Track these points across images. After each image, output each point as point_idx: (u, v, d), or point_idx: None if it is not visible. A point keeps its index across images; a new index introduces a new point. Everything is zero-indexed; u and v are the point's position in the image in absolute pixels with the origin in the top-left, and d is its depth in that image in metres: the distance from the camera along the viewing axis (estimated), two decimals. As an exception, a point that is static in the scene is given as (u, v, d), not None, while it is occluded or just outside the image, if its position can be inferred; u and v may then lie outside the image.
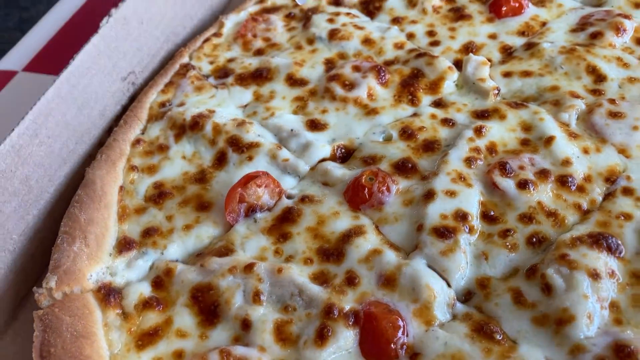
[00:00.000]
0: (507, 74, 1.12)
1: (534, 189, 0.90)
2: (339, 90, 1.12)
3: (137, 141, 1.07)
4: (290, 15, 1.34)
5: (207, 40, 1.29)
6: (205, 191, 0.99)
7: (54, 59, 1.39)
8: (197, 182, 1.01)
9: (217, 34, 1.31)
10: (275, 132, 1.08)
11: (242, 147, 1.03)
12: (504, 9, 1.24)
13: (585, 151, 0.96)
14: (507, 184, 0.91)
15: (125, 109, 1.16)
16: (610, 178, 0.92)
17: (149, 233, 0.93)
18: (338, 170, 0.99)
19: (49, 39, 1.45)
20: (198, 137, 1.07)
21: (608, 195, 0.90)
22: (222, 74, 1.21)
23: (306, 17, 1.31)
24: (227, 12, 1.42)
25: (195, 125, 1.07)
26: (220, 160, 1.03)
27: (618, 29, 1.14)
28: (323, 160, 1.03)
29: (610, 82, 1.06)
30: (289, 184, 0.99)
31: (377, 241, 0.88)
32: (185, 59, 1.24)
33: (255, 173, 0.96)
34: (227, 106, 1.14)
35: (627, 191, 0.89)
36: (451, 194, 0.91)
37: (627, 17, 1.17)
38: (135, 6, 1.19)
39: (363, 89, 1.11)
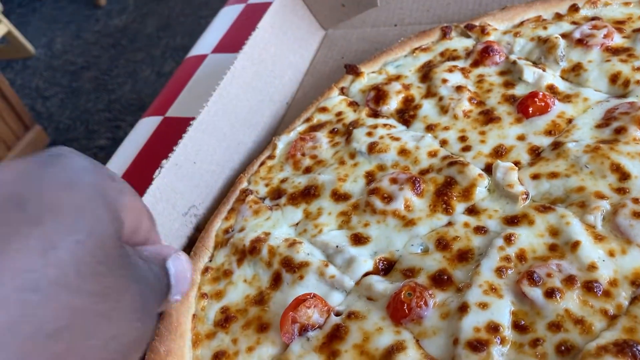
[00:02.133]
0: (535, 176, 1.20)
1: (560, 297, 0.97)
2: (378, 203, 1.23)
3: (206, 269, 1.23)
4: (334, 130, 1.48)
5: (262, 163, 1.46)
6: (264, 312, 1.12)
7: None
8: (257, 304, 1.15)
9: (271, 156, 1.47)
10: (323, 249, 1.21)
11: (294, 267, 1.17)
12: (530, 109, 1.33)
13: (611, 254, 1.02)
14: (535, 293, 0.98)
15: (190, 239, 1.33)
16: (636, 281, 0.97)
17: (217, 357, 1.07)
18: (380, 285, 1.10)
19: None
20: (257, 261, 1.21)
21: (634, 299, 0.95)
22: (276, 195, 1.37)
23: (348, 131, 1.45)
24: (278, 132, 1.59)
25: (253, 250, 1.22)
26: (276, 281, 1.17)
27: (641, 123, 1.20)
28: (367, 274, 1.14)
29: (634, 179, 1.11)
30: (336, 299, 1.11)
31: (418, 356, 0.97)
32: (244, 184, 1.41)
33: (303, 296, 1.08)
34: (280, 227, 1.29)
35: (653, 294, 0.94)
36: (483, 306, 0.99)
37: (650, 109, 1.22)
38: (184, 152, 1.36)
39: (400, 201, 1.22)
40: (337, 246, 1.19)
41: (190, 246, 1.33)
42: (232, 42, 2.08)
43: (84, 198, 0.58)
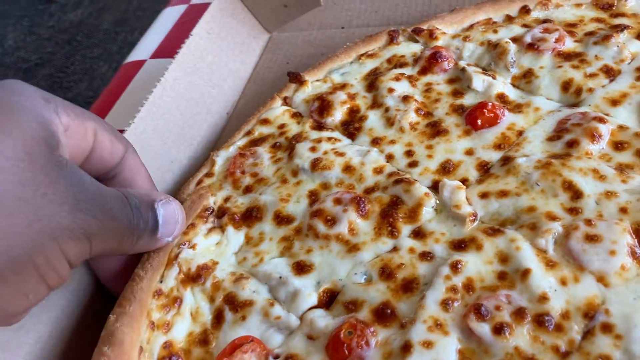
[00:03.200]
0: (484, 195, 1.13)
1: (509, 334, 0.90)
2: (321, 227, 1.15)
3: (158, 292, 1.10)
4: (276, 145, 1.39)
5: (200, 182, 1.36)
6: (208, 355, 1.03)
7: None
8: (201, 344, 1.05)
9: (209, 174, 1.37)
10: (266, 280, 1.12)
11: (237, 306, 1.07)
12: (479, 121, 1.26)
13: (563, 282, 0.96)
14: (483, 329, 0.91)
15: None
16: (589, 313, 0.91)
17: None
18: (322, 321, 1.01)
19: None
20: (198, 291, 1.12)
21: (586, 334, 0.89)
22: (220, 214, 1.27)
23: (290, 146, 1.36)
24: (218, 145, 1.49)
25: (198, 278, 1.13)
26: (219, 319, 1.08)
27: (593, 136, 1.14)
28: (311, 308, 1.06)
29: (587, 198, 1.06)
30: (277, 341, 1.02)
31: (358, 403, 0.90)
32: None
33: (240, 340, 0.99)
34: (227, 255, 1.18)
35: (606, 328, 0.88)
36: (428, 344, 0.92)
37: (602, 120, 1.16)
38: None
39: (344, 224, 1.14)
40: (280, 277, 1.10)
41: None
42: (173, 47, 1.95)
43: (15, 110, 0.78)
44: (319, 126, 1.41)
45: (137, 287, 1.11)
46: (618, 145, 1.13)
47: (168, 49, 1.95)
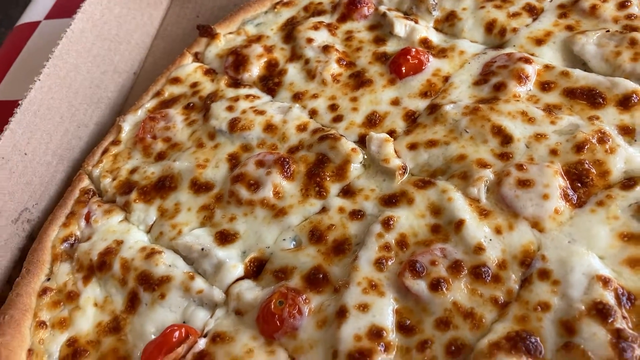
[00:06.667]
0: (412, 146, 1.08)
1: (447, 289, 0.86)
2: (244, 192, 1.06)
3: (44, 291, 1.01)
4: (189, 105, 1.28)
5: (105, 151, 1.23)
6: (122, 343, 0.94)
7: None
8: (112, 332, 0.95)
9: (116, 142, 1.24)
10: (186, 252, 1.02)
11: (153, 284, 0.98)
12: (403, 69, 1.19)
13: (498, 231, 0.92)
14: (420, 286, 0.87)
15: (23, 251, 1.10)
16: (525, 261, 0.88)
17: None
18: (250, 293, 0.94)
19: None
20: (108, 279, 1.01)
21: (524, 282, 0.86)
22: (126, 189, 1.15)
23: (205, 106, 1.25)
24: (125, 109, 1.36)
25: (102, 265, 1.02)
26: (133, 302, 0.98)
27: (520, 78, 1.10)
28: (237, 280, 0.98)
29: (517, 142, 1.02)
30: (201, 318, 0.94)
31: (294, 377, 0.84)
32: (85, 182, 1.18)
33: (165, 337, 0.90)
34: (134, 232, 1.08)
35: (543, 274, 0.85)
36: (364, 307, 0.86)
37: (527, 60, 1.13)
38: (12, 141, 1.11)
39: (268, 187, 1.06)
40: (202, 249, 1.01)
41: (22, 260, 1.09)
42: (70, 4, 1.76)
43: None
44: (236, 83, 1.30)
45: (12, 295, 1.00)
46: (545, 86, 1.10)
47: (65, 7, 1.76)
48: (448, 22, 1.29)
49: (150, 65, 1.52)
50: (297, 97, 1.23)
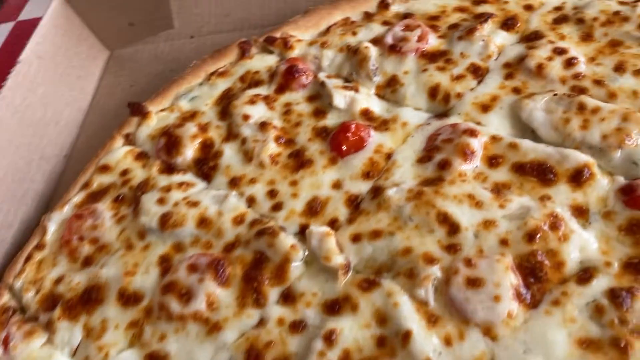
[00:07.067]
0: (355, 238, 1.00)
1: (393, 420, 0.78)
2: (174, 305, 0.97)
3: None
4: (118, 198, 1.18)
5: (29, 257, 1.13)
6: None
7: None
8: None
9: (40, 246, 1.15)
10: (113, 382, 0.94)
11: None
12: (344, 147, 1.11)
13: (448, 341, 0.84)
14: (364, 419, 0.79)
15: None
16: (478, 378, 0.80)
17: None
18: None
19: None
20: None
21: (478, 405, 0.79)
22: (50, 304, 1.06)
23: (136, 198, 1.16)
24: (54, 202, 1.26)
25: (14, 405, 0.93)
26: None
27: (465, 154, 1.03)
28: (167, 412, 0.89)
29: (465, 232, 0.94)
30: None
31: None
32: (5, 298, 1.08)
33: None
34: (57, 358, 0.98)
35: (497, 394, 0.78)
36: None
37: (473, 133, 1.05)
38: None
39: (201, 298, 0.97)
40: (129, 378, 0.92)
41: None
42: (-1, 76, 1.67)
43: None
44: (169, 168, 1.21)
45: None
46: (492, 161, 1.03)
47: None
48: (390, 88, 1.21)
49: (82, 144, 1.43)
50: (233, 182, 1.14)
